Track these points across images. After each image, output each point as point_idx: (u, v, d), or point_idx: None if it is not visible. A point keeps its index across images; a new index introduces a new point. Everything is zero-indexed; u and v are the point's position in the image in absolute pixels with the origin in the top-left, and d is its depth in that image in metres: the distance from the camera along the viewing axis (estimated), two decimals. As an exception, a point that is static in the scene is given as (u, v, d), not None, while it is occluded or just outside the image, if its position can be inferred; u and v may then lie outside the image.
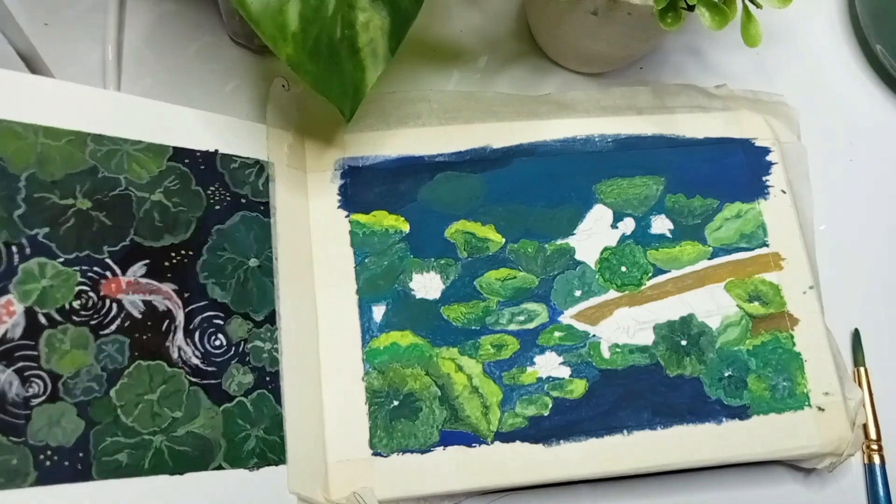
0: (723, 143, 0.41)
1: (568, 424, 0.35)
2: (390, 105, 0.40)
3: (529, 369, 0.36)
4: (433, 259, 0.37)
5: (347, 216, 0.38)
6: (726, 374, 0.37)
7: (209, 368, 0.32)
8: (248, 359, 0.33)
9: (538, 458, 0.35)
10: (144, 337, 0.31)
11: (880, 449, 0.38)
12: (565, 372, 0.36)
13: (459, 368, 0.36)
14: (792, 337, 0.38)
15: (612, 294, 0.38)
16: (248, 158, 0.36)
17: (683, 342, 0.37)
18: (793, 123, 0.42)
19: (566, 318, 0.37)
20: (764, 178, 0.40)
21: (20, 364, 0.28)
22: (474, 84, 0.42)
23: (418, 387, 0.35)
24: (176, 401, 0.31)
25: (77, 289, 0.30)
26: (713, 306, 0.38)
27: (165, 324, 0.32)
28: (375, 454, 0.34)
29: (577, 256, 0.38)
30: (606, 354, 0.37)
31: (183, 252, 0.33)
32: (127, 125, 0.33)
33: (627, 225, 0.39)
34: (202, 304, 0.33)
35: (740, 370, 0.37)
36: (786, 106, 0.42)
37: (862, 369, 0.39)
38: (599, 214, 0.39)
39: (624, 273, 0.38)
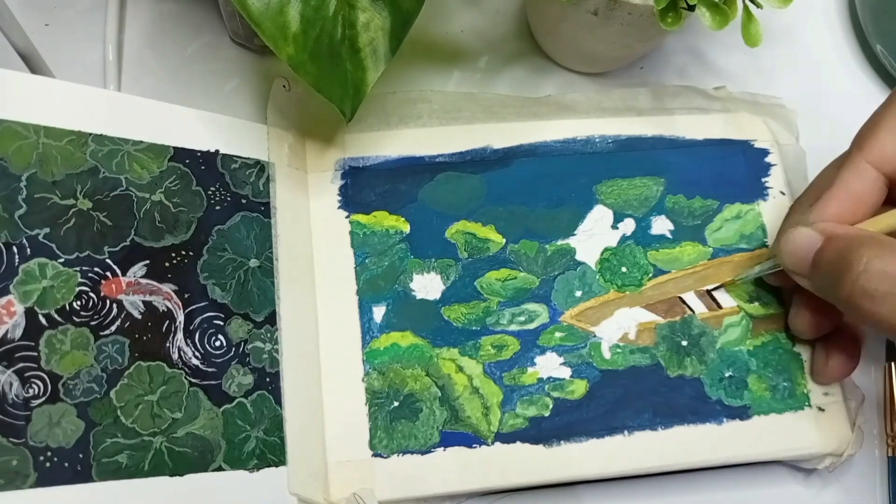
0: (722, 145, 0.41)
1: (568, 425, 0.35)
2: (391, 105, 0.40)
3: (530, 370, 0.36)
4: (434, 259, 0.37)
5: (348, 216, 0.38)
6: (727, 375, 0.37)
7: (209, 369, 0.32)
8: (248, 359, 0.33)
9: (539, 458, 0.35)
10: (144, 338, 0.31)
11: None
12: (566, 372, 0.36)
13: (460, 369, 0.36)
14: (791, 337, 0.38)
15: (613, 294, 0.38)
16: (248, 159, 0.36)
17: (684, 343, 0.37)
18: (791, 125, 0.42)
19: (567, 318, 0.37)
20: (763, 180, 0.40)
21: (20, 365, 0.28)
22: (475, 84, 0.42)
23: (419, 387, 0.35)
24: (176, 402, 0.31)
25: (77, 289, 0.30)
26: (714, 307, 0.38)
27: (165, 324, 0.32)
28: (376, 455, 0.34)
29: (578, 257, 0.38)
30: (607, 355, 0.37)
31: (183, 252, 0.33)
32: (127, 125, 0.33)
33: (628, 225, 0.39)
34: (202, 304, 0.33)
35: (741, 370, 0.37)
36: (784, 108, 0.43)
37: (894, 364, 0.39)
38: (600, 215, 0.39)
39: (624, 273, 0.38)
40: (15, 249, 0.29)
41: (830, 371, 0.36)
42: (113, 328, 0.31)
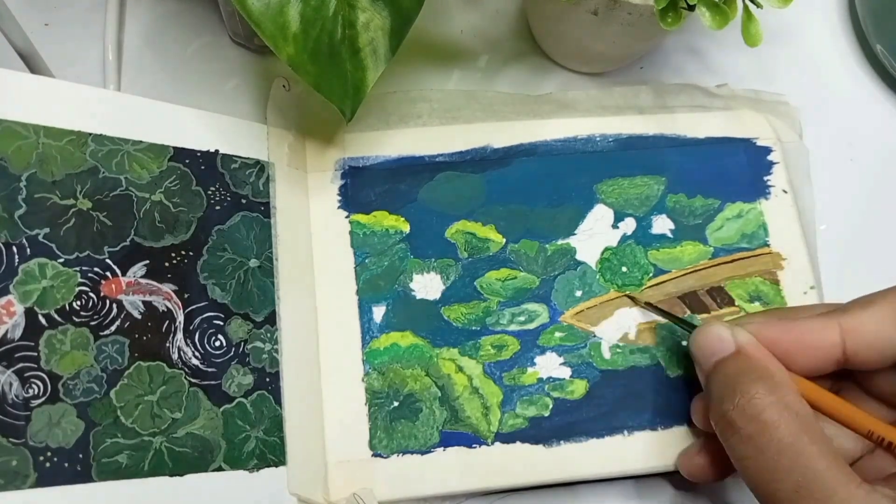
0: (724, 143, 0.41)
1: (568, 425, 0.35)
2: (391, 105, 0.40)
3: (530, 370, 0.36)
4: (433, 259, 0.37)
5: (348, 216, 0.38)
6: (727, 375, 0.37)
7: (209, 369, 0.32)
8: (247, 360, 0.33)
9: (539, 458, 0.35)
10: (144, 338, 0.31)
11: None
12: (566, 372, 0.36)
13: (460, 369, 0.36)
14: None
15: (613, 294, 0.38)
16: (248, 158, 0.36)
17: (684, 342, 0.37)
18: (794, 123, 0.42)
19: (567, 318, 0.37)
20: (765, 178, 0.40)
21: (20, 365, 0.28)
22: (475, 84, 0.42)
23: (418, 387, 0.35)
24: (176, 402, 0.31)
25: (77, 289, 0.30)
26: (713, 307, 0.38)
27: (165, 324, 0.32)
28: (375, 455, 0.34)
29: (578, 257, 0.38)
30: (607, 355, 0.37)
31: (183, 252, 0.33)
32: (127, 125, 0.33)
33: (628, 225, 0.39)
34: (202, 304, 0.33)
35: (741, 370, 0.37)
36: (787, 105, 0.42)
37: None
38: (600, 214, 0.39)
39: (625, 273, 0.38)
40: (15, 249, 0.29)
41: (696, 466, 0.33)
42: (113, 328, 0.31)
